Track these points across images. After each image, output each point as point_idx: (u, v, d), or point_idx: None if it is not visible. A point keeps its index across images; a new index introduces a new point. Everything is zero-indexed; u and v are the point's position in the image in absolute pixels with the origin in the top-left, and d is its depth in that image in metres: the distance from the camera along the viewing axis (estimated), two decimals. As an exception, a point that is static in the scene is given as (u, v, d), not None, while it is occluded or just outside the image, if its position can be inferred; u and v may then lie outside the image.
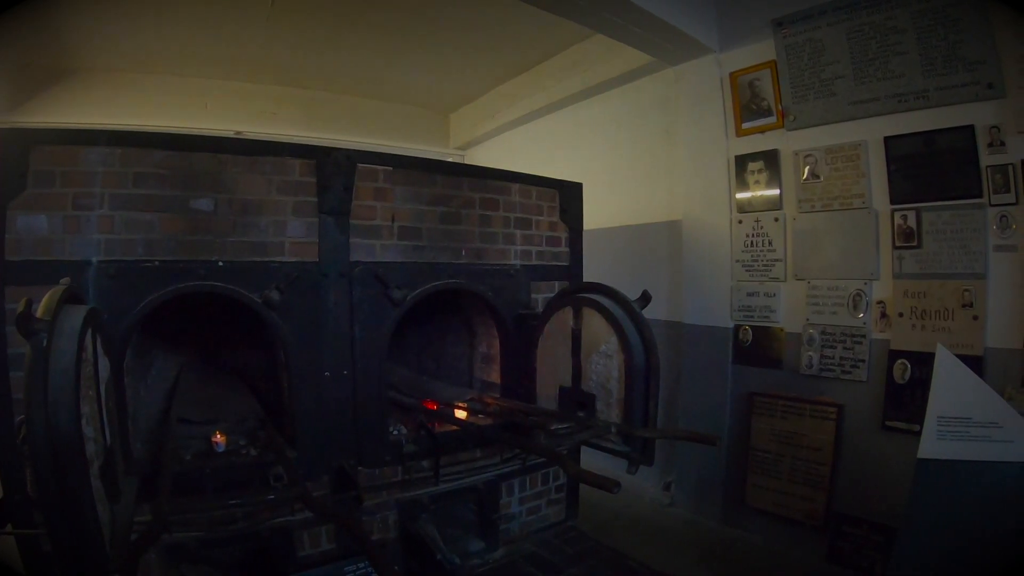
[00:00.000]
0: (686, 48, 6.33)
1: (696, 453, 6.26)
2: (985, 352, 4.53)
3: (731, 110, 6.28)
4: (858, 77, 5.33)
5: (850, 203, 5.37)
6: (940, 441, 3.18)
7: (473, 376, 5.86)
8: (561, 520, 5.67)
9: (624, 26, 5.85)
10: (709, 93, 6.40)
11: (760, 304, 6.11)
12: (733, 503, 6.07)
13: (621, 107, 7.78)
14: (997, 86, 4.49)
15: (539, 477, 5.48)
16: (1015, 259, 4.45)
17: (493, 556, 4.97)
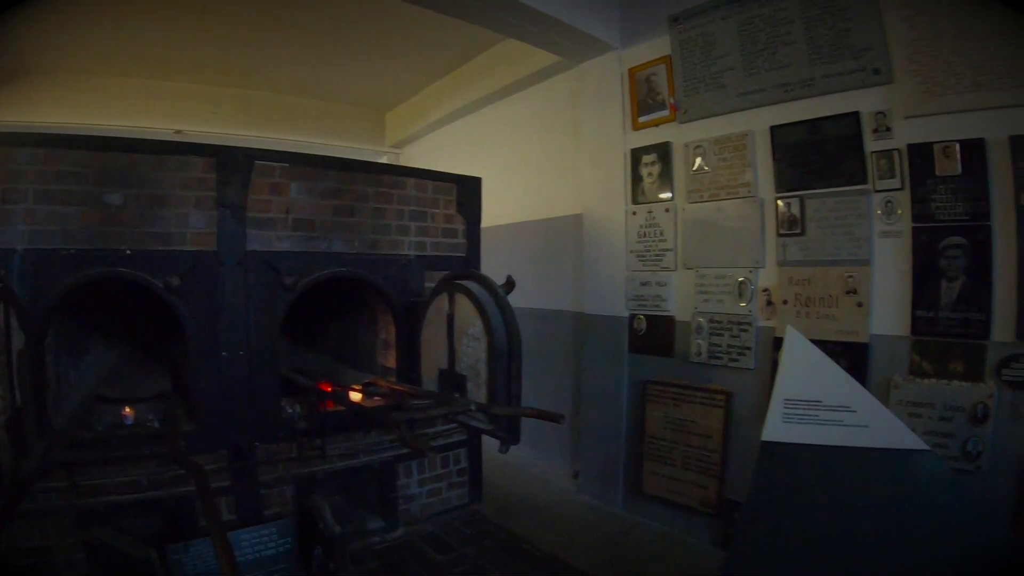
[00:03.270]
0: (588, 47, 5.75)
1: (599, 441, 5.90)
2: (871, 339, 4.07)
3: (629, 105, 5.70)
4: (747, 69, 4.82)
5: (737, 192, 4.87)
6: (786, 424, 2.73)
7: (375, 361, 5.49)
8: (464, 503, 5.47)
9: (527, 28, 5.39)
10: (610, 89, 5.80)
11: (652, 293, 5.51)
12: (633, 490, 5.62)
13: (536, 105, 7.12)
14: (884, 72, 4.01)
15: (438, 460, 5.31)
16: (900, 245, 3.97)
17: (393, 535, 4.82)
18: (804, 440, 2.68)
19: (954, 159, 3.72)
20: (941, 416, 3.67)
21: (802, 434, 2.70)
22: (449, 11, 5.19)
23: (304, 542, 4.19)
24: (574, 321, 6.44)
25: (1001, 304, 3.56)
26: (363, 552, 4.50)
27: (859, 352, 4.09)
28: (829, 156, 4.28)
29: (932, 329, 3.80)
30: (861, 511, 2.45)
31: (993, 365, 3.54)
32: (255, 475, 4.24)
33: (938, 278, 3.79)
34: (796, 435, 2.70)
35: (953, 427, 3.62)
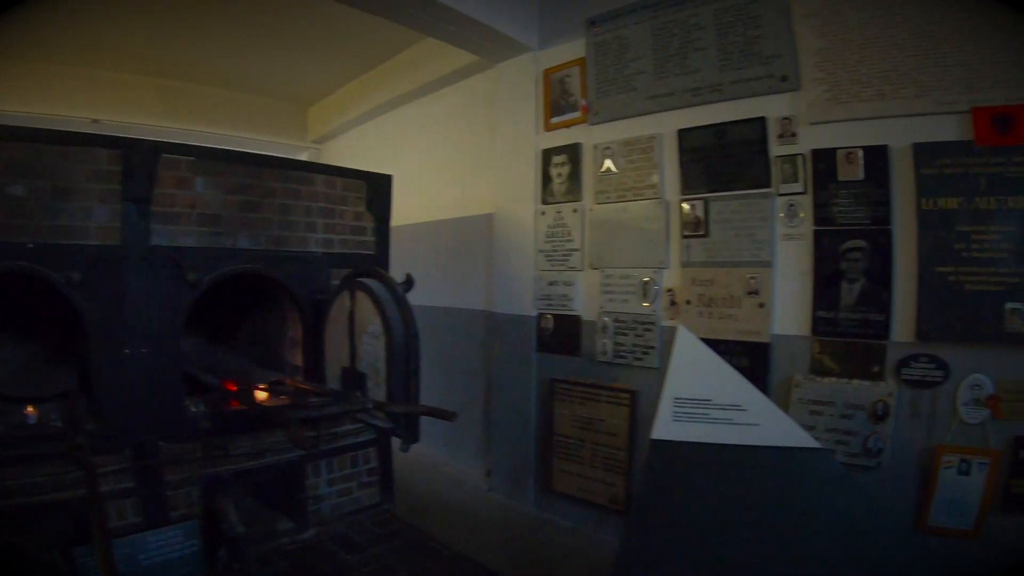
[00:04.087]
0: (506, 47, 5.53)
1: (510, 440, 5.71)
2: (772, 339, 4.01)
3: (542, 106, 5.50)
4: (658, 72, 4.70)
5: (643, 194, 4.73)
6: (676, 423, 2.64)
7: (284, 360, 5.23)
8: (376, 503, 5.21)
9: (445, 28, 5.16)
10: (525, 90, 5.59)
11: (559, 293, 5.32)
12: (543, 488, 5.43)
13: (454, 104, 6.86)
14: (791, 79, 3.96)
15: (347, 460, 5.04)
16: (802, 247, 3.92)
17: (302, 536, 4.57)
18: (694, 439, 2.59)
19: (857, 165, 3.70)
20: (842, 414, 3.64)
21: (692, 432, 2.61)
22: (369, 8, 4.92)
23: (210, 544, 3.95)
24: (485, 320, 6.22)
25: (901, 305, 3.55)
26: (272, 553, 4.28)
27: (761, 352, 4.02)
28: (734, 160, 4.20)
29: (833, 329, 3.76)
30: (753, 509, 2.36)
31: (893, 364, 3.53)
32: (160, 475, 3.97)
33: (839, 280, 3.75)
34: (686, 434, 2.61)
35: (854, 424, 3.59)
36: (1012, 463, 3.22)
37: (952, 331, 3.38)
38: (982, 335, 3.31)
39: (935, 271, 3.44)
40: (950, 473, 3.33)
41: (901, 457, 3.48)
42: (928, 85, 3.59)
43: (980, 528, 3.27)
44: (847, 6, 3.83)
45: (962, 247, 3.40)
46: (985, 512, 3.26)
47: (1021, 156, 3.32)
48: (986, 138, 3.41)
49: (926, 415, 3.44)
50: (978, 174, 3.42)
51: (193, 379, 4.49)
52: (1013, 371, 3.25)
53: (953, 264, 3.40)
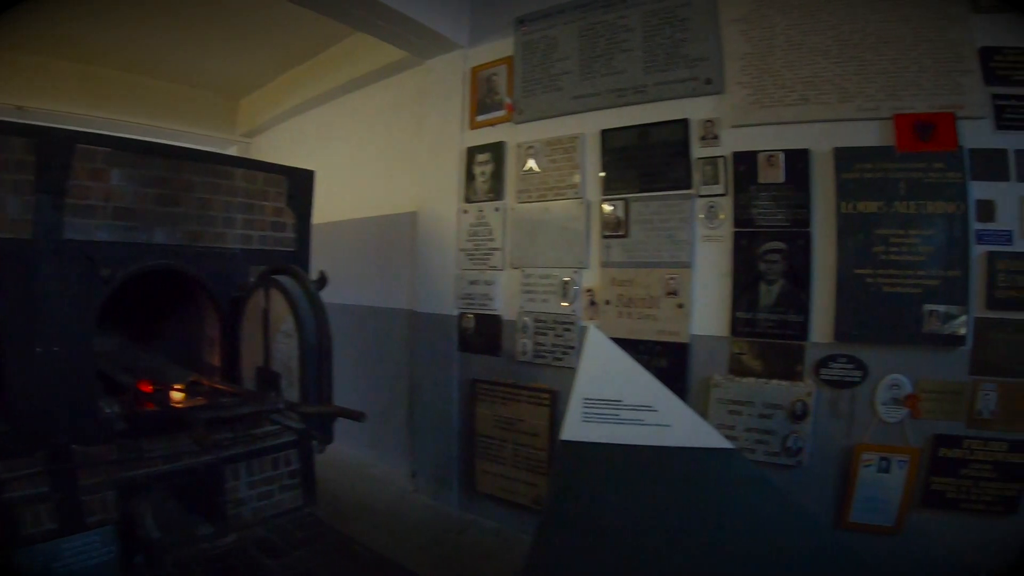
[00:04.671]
0: (436, 44, 5.24)
1: (434, 441, 5.41)
2: (691, 339, 3.88)
3: (468, 104, 5.25)
4: (583, 73, 4.51)
5: (564, 194, 4.52)
6: (585, 423, 2.48)
7: (203, 359, 4.86)
8: (298, 506, 4.81)
9: (374, 22, 4.85)
10: (453, 87, 5.33)
11: (480, 292, 5.05)
12: (467, 489, 5.15)
13: (383, 100, 6.52)
14: (716, 82, 3.86)
15: (268, 462, 4.63)
16: (722, 249, 3.81)
17: (223, 541, 4.21)
18: (604, 439, 2.43)
19: (778, 168, 3.63)
20: (761, 414, 3.55)
21: (602, 433, 2.45)
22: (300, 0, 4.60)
23: (127, 550, 3.66)
24: (408, 320, 5.90)
25: (819, 307, 3.49)
26: (191, 559, 3.96)
27: (680, 352, 3.89)
28: (656, 161, 4.07)
29: (751, 330, 3.67)
30: (664, 511, 2.23)
31: (812, 365, 3.48)
32: (75, 480, 3.61)
33: (758, 281, 3.66)
34: (596, 434, 2.45)
35: (773, 424, 3.51)
36: (932, 461, 3.23)
37: (871, 332, 3.35)
38: (900, 336, 3.30)
39: (854, 273, 3.40)
40: (870, 471, 3.30)
41: (821, 456, 3.43)
42: (851, 91, 3.54)
43: (901, 524, 3.27)
44: (774, 12, 3.76)
45: (881, 250, 3.37)
46: (906, 509, 3.27)
47: (941, 162, 3.31)
48: (907, 144, 3.38)
49: (845, 414, 3.40)
50: (898, 179, 3.39)
51: (109, 379, 4.19)
52: (931, 371, 3.25)
53: (872, 267, 3.37)
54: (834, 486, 3.41)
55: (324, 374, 3.63)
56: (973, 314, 3.21)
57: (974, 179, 3.25)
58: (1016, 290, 3.16)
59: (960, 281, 3.22)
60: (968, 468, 3.18)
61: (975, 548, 3.15)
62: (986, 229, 3.22)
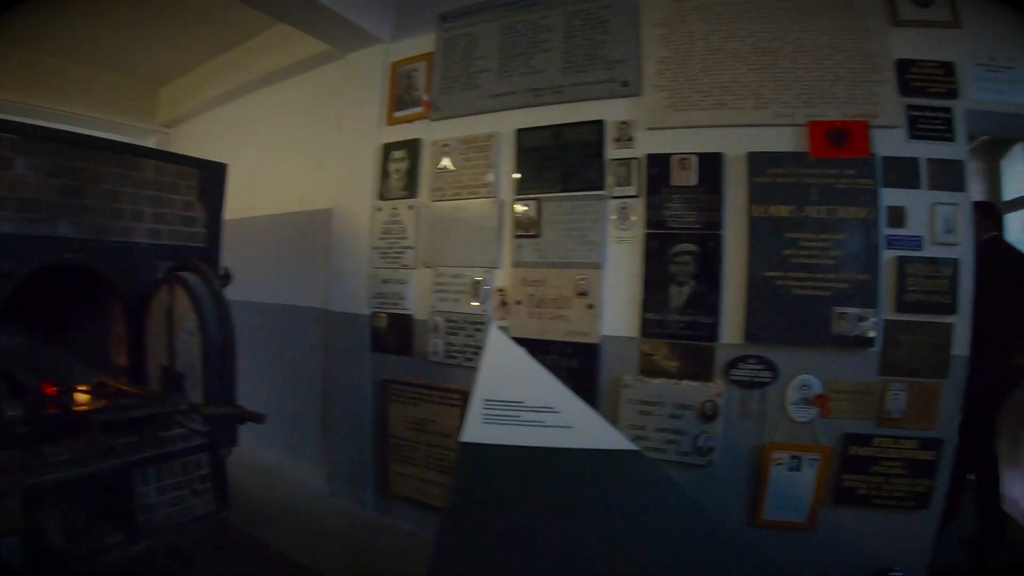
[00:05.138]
0: (358, 37, 4.95)
1: (348, 443, 5.08)
2: (602, 340, 3.73)
3: (387, 99, 4.97)
4: (502, 71, 4.28)
5: (478, 193, 4.28)
6: (486, 425, 2.37)
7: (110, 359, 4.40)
8: (211, 512, 4.25)
9: (294, 12, 4.58)
10: (373, 82, 5.04)
11: (393, 291, 4.76)
12: (382, 492, 4.85)
13: (305, 93, 6.16)
14: (633, 84, 3.74)
15: (178, 466, 4.05)
16: (633, 250, 3.69)
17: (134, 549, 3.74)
18: (505, 441, 2.32)
19: (691, 170, 3.54)
20: (671, 414, 3.46)
21: (503, 435, 2.34)
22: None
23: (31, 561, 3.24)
24: (322, 318, 5.55)
25: (730, 309, 3.42)
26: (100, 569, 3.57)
27: (590, 352, 3.73)
28: (570, 161, 3.91)
29: (661, 331, 3.55)
30: (568, 513, 2.09)
31: (722, 366, 3.41)
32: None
33: (668, 283, 3.55)
34: (497, 436, 2.34)
35: (683, 424, 3.43)
36: (843, 459, 3.23)
37: (781, 334, 3.30)
38: (811, 338, 3.26)
39: (765, 276, 3.34)
40: (781, 470, 3.28)
41: (732, 455, 3.37)
42: (767, 97, 3.46)
43: (814, 521, 3.27)
44: (694, 17, 3.66)
45: (792, 253, 3.32)
46: (818, 506, 3.26)
47: (853, 169, 3.28)
48: (820, 151, 3.33)
49: (756, 414, 3.35)
50: (810, 184, 3.33)
51: (13, 379, 3.84)
52: (841, 372, 3.24)
53: (783, 269, 3.32)
54: (746, 485, 3.35)
55: (227, 374, 3.44)
56: (883, 316, 3.21)
57: (886, 186, 3.25)
58: (925, 293, 3.19)
59: (870, 285, 3.21)
60: (879, 465, 3.21)
61: (888, 543, 3.20)
62: (897, 234, 3.24)
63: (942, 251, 3.21)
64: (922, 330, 3.19)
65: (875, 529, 3.23)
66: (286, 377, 5.91)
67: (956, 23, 3.36)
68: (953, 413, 3.21)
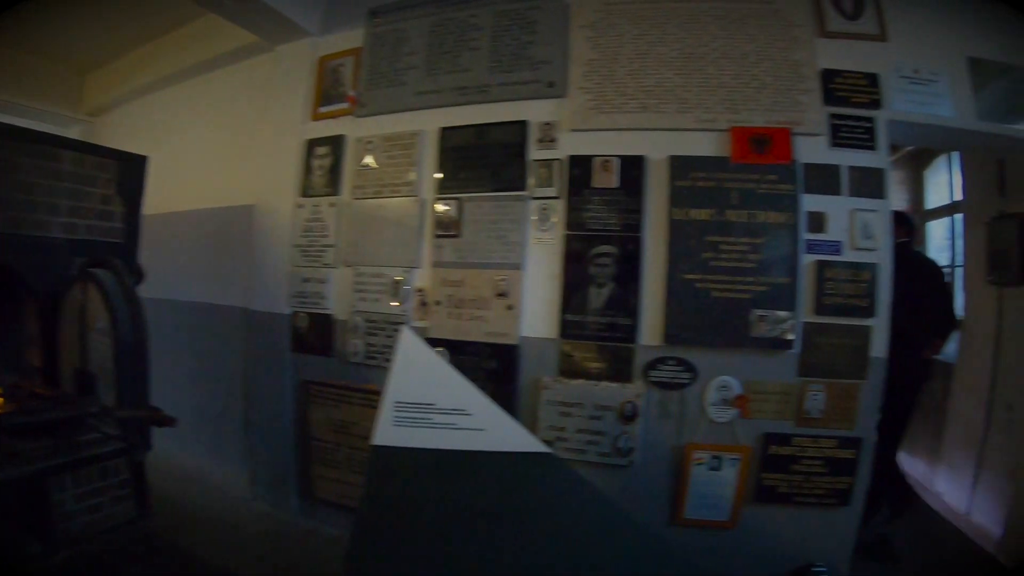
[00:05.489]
0: (286, 29, 4.74)
1: (270, 446, 4.85)
2: (521, 341, 3.64)
3: (313, 94, 4.77)
4: (429, 69, 4.14)
5: (400, 191, 4.12)
6: (398, 427, 2.31)
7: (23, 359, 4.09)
8: (132, 519, 4.07)
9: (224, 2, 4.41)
10: (300, 76, 4.84)
11: (313, 291, 4.56)
12: (306, 496, 4.65)
13: (232, 85, 5.88)
14: (558, 86, 3.66)
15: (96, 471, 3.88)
16: (553, 251, 3.60)
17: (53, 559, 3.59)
18: (417, 444, 2.27)
19: (612, 173, 3.48)
20: (591, 415, 3.41)
21: (414, 438, 2.29)
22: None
23: None
24: (243, 318, 5.29)
25: (649, 310, 3.39)
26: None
27: (509, 354, 3.64)
28: (493, 161, 3.80)
29: (581, 332, 3.48)
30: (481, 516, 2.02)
31: (641, 367, 3.38)
32: None
33: (587, 284, 3.48)
34: (408, 439, 2.29)
35: (603, 425, 3.39)
36: (763, 458, 3.25)
37: (699, 335, 3.28)
38: (729, 339, 3.25)
39: (683, 278, 3.31)
40: (702, 469, 3.27)
41: (653, 455, 3.36)
42: (691, 102, 3.42)
43: (736, 519, 3.28)
44: (623, 21, 3.60)
45: (711, 256, 3.30)
46: (739, 504, 3.27)
47: (774, 175, 3.28)
48: (742, 156, 3.30)
49: (675, 415, 3.33)
50: (731, 189, 3.31)
51: None
52: (760, 373, 3.25)
53: (702, 272, 3.29)
54: (667, 484, 3.34)
55: (139, 375, 3.23)
56: (801, 319, 3.22)
57: (807, 192, 3.27)
58: (844, 297, 3.21)
59: (789, 288, 3.22)
60: (799, 464, 3.23)
61: (811, 539, 3.24)
62: (816, 239, 3.26)
63: (861, 256, 3.23)
64: (841, 332, 3.21)
65: (797, 526, 3.24)
66: (207, 378, 5.59)
67: (883, 37, 3.42)
68: (872, 413, 3.25)
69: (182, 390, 4.03)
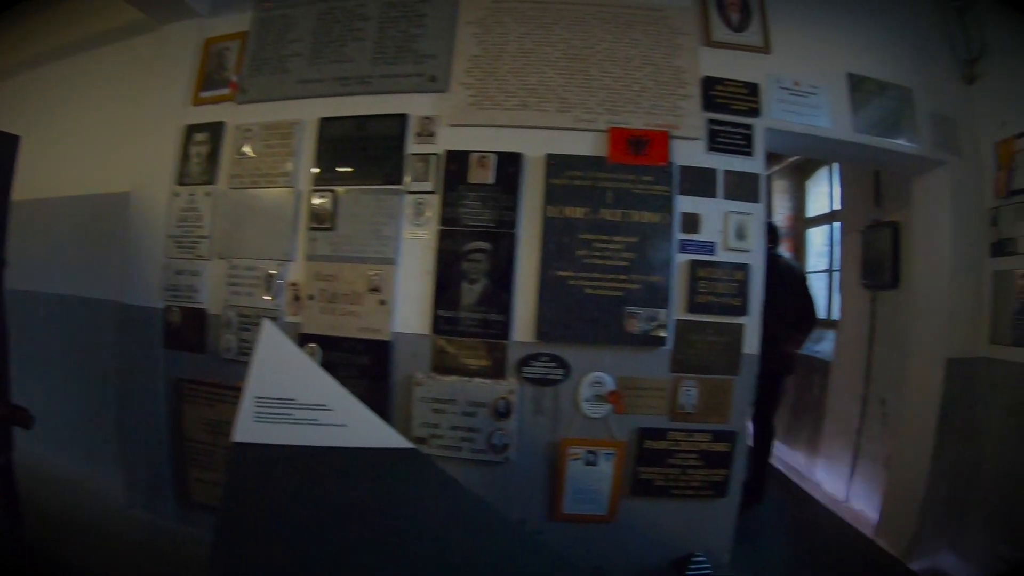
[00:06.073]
0: (173, 8, 4.40)
1: (145, 447, 4.46)
2: (394, 337, 3.47)
3: (196, 78, 4.43)
4: (314, 57, 3.90)
5: (276, 182, 3.85)
6: (258, 424, 2.12)
7: None
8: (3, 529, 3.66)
9: None
10: (184, 57, 4.48)
11: (187, 284, 4.22)
12: (183, 500, 4.30)
13: (115, 64, 5.33)
14: (441, 80, 3.54)
15: None
16: (426, 246, 3.47)
17: None
18: (278, 440, 2.09)
19: (489, 169, 3.38)
20: (464, 412, 3.31)
21: (276, 434, 2.11)
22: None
23: None
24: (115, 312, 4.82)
25: (522, 307, 3.31)
26: None
27: (382, 350, 3.45)
28: (370, 154, 3.62)
29: (453, 328, 3.36)
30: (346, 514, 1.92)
31: (514, 363, 3.30)
32: None
33: (461, 280, 3.36)
34: (269, 435, 2.11)
35: (477, 422, 3.30)
36: (638, 452, 3.23)
37: (572, 332, 3.23)
38: (602, 336, 3.21)
39: (557, 275, 3.25)
40: (578, 465, 3.23)
41: (528, 452, 3.29)
42: (571, 102, 3.36)
43: (614, 513, 3.24)
44: (511, 19, 3.53)
45: (584, 254, 3.25)
46: (617, 498, 3.24)
47: (650, 176, 3.27)
48: (619, 156, 3.26)
49: (549, 411, 3.28)
50: (606, 188, 3.27)
51: None
52: (633, 370, 3.23)
53: (574, 269, 3.24)
54: (544, 480, 3.29)
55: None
56: (674, 317, 3.22)
57: (682, 193, 3.27)
58: (715, 295, 3.23)
59: (662, 286, 3.21)
60: (675, 458, 3.23)
61: (690, 530, 3.24)
62: (690, 239, 3.27)
63: (734, 256, 3.26)
64: (713, 330, 3.23)
65: (676, 518, 3.24)
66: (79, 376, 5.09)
67: (767, 49, 3.48)
68: (745, 407, 3.31)
69: (54, 389, 3.90)
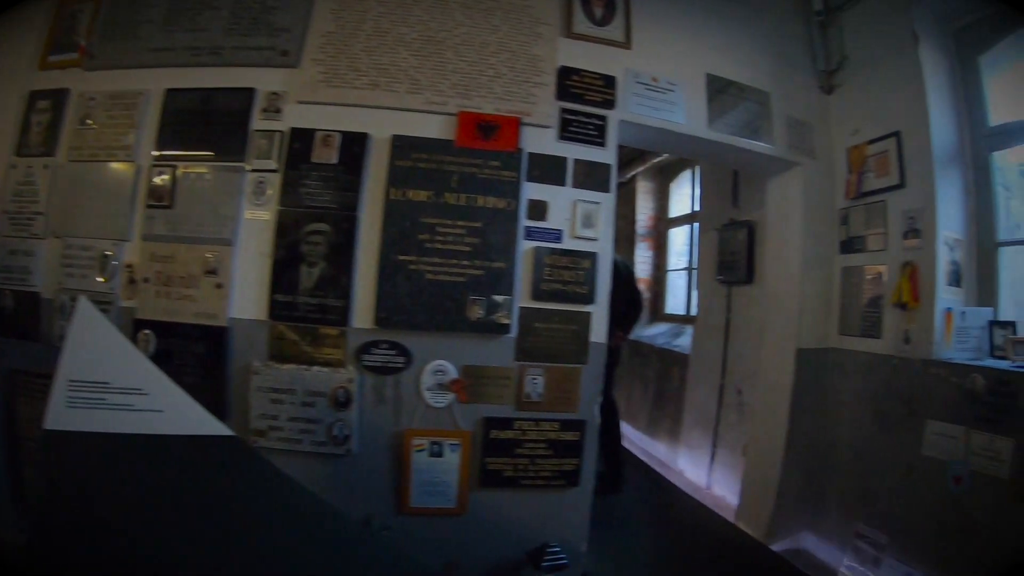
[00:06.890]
0: (28, -37, 3.81)
1: None
2: (230, 323, 3.14)
3: (44, 40, 3.90)
4: (166, 24, 3.51)
5: (116, 155, 3.44)
6: (71, 409, 1.87)
7: None
8: None
9: None
10: (32, 18, 3.93)
11: (20, 264, 3.71)
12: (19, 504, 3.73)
13: None
14: (292, 55, 3.24)
15: None
16: (265, 227, 3.16)
17: None
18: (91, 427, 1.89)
19: (333, 148, 3.14)
20: (303, 402, 3.04)
21: (90, 421, 1.90)
22: None
23: None
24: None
25: (361, 292, 3.07)
26: None
27: (218, 336, 3.13)
28: (215, 128, 3.30)
29: (291, 314, 3.08)
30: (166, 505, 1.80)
31: (353, 351, 3.06)
32: None
33: (299, 263, 3.09)
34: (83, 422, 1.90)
35: (316, 412, 3.04)
36: (484, 443, 3.08)
37: (413, 319, 3.04)
38: (444, 323, 3.05)
39: (397, 260, 3.04)
40: (423, 456, 3.05)
41: (371, 443, 3.07)
42: (423, 84, 3.19)
43: (464, 505, 3.07)
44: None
45: (427, 238, 3.07)
46: (465, 489, 3.07)
47: (497, 161, 3.13)
48: (467, 140, 3.14)
49: (391, 400, 3.07)
50: (452, 172, 3.13)
51: None
52: (475, 358, 3.09)
53: (417, 254, 3.06)
54: (389, 473, 3.07)
55: None
56: (518, 304, 3.10)
57: (530, 180, 3.15)
58: (561, 283, 3.13)
59: (506, 273, 3.08)
60: (523, 447, 3.10)
61: (544, 520, 3.10)
62: (537, 227, 3.16)
63: (581, 244, 3.17)
64: (559, 318, 3.12)
65: (529, 508, 3.10)
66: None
67: (627, 45, 3.42)
68: (593, 396, 3.19)
69: None
